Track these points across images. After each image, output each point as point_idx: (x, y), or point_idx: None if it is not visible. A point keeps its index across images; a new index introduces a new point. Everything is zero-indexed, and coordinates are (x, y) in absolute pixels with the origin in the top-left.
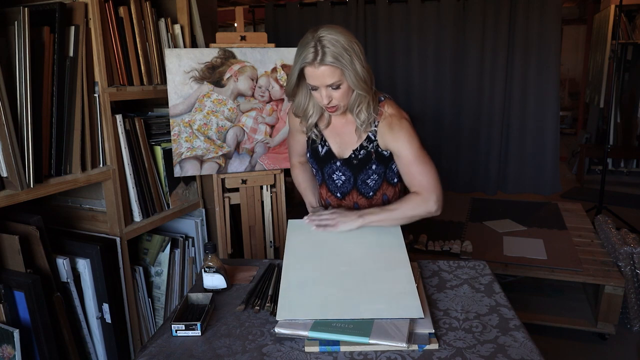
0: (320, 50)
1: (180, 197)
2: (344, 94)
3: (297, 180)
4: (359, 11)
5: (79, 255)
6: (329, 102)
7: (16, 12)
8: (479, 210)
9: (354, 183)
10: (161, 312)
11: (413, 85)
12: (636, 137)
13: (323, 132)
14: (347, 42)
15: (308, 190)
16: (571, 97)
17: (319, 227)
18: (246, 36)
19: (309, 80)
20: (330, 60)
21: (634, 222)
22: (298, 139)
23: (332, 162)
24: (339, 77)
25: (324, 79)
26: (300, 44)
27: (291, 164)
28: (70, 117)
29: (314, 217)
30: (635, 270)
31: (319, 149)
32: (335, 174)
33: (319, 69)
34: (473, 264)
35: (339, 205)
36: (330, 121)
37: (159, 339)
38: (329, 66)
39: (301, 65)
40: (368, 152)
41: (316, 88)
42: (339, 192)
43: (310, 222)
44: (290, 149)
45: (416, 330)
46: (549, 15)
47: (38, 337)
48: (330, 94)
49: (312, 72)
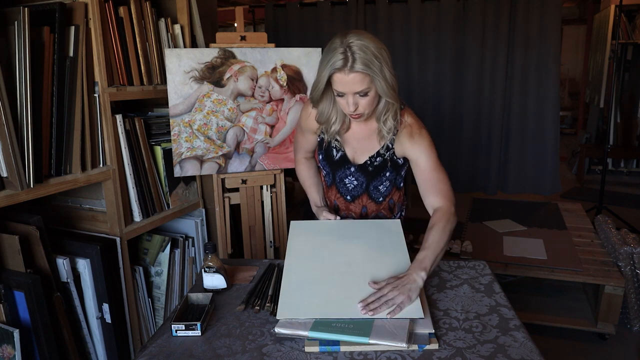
0: (351, 57)
1: (180, 197)
2: (370, 101)
3: (302, 177)
4: (359, 11)
5: (79, 255)
6: (355, 109)
7: (16, 12)
8: (479, 210)
9: (365, 188)
10: (161, 312)
11: (413, 85)
12: (636, 137)
13: (340, 136)
14: (376, 49)
15: (313, 187)
16: (571, 97)
17: (374, 310)
18: (246, 36)
19: (336, 87)
20: (361, 67)
21: (634, 222)
22: (308, 138)
23: (346, 167)
24: (368, 85)
25: (353, 86)
26: (328, 49)
27: (296, 160)
28: (70, 117)
29: (367, 304)
30: (635, 270)
31: (334, 152)
32: (347, 179)
33: (349, 76)
34: (473, 264)
35: (347, 208)
36: (350, 126)
37: (159, 339)
38: (359, 73)
39: (330, 71)
40: (384, 160)
41: (342, 95)
42: (349, 195)
43: (365, 310)
44: (297, 145)
45: (416, 330)
46: (549, 15)
47: (38, 337)
48: (357, 101)
49: (341, 79)
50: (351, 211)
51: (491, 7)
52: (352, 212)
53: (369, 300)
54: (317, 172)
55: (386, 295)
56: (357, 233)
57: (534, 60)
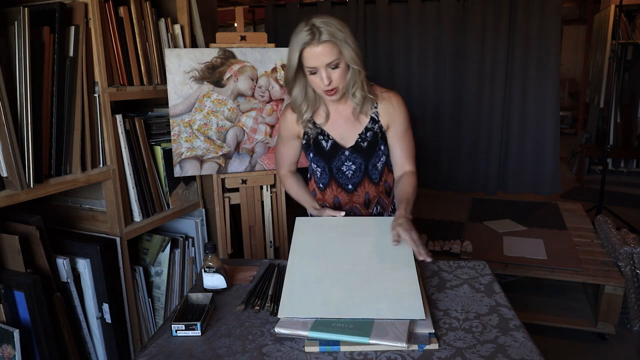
0: (317, 31)
1: (180, 197)
2: (342, 73)
3: (292, 191)
4: (359, 11)
5: (79, 255)
6: (329, 83)
7: (16, 12)
8: (479, 210)
9: (364, 170)
10: (161, 312)
11: (413, 85)
12: (636, 137)
13: (324, 127)
14: (338, 24)
15: (307, 195)
16: (571, 97)
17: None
18: (246, 36)
19: (308, 63)
20: (328, 36)
21: (634, 222)
22: (291, 145)
23: (340, 153)
24: (337, 56)
25: (324, 58)
26: (295, 33)
27: (282, 176)
28: (70, 117)
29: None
30: (635, 270)
31: (323, 144)
32: (345, 165)
33: (318, 48)
34: (473, 264)
35: (350, 200)
36: (329, 115)
37: (159, 339)
38: (328, 43)
39: (300, 47)
40: (374, 133)
41: (315, 71)
42: (350, 183)
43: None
44: (279, 160)
45: (416, 330)
46: (549, 15)
47: (38, 337)
48: (329, 75)
49: (311, 53)
50: (355, 203)
51: (491, 7)
52: (355, 205)
53: (419, 250)
54: (306, 182)
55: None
56: (363, 230)
57: (534, 60)
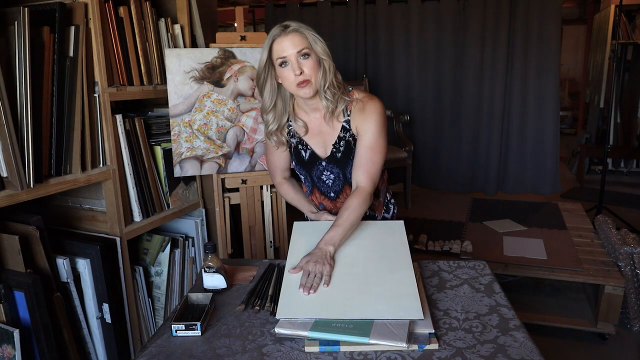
0: (286, 26)
1: (180, 197)
2: (313, 65)
3: (289, 196)
4: (359, 11)
5: (79, 255)
6: (300, 72)
7: (16, 12)
8: (479, 210)
9: (344, 178)
10: (161, 312)
11: (413, 85)
12: (636, 137)
13: (303, 138)
14: (309, 27)
15: (303, 200)
16: (571, 97)
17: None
18: (246, 36)
19: (278, 54)
20: (296, 27)
21: (634, 222)
22: (279, 154)
23: (317, 163)
24: (307, 44)
25: (293, 45)
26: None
27: (277, 183)
28: (70, 117)
29: (303, 286)
30: (635, 270)
31: (303, 153)
32: (324, 174)
33: (288, 36)
34: (473, 264)
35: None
36: (308, 126)
37: (159, 339)
38: (297, 32)
39: (270, 41)
40: (347, 142)
41: (286, 63)
42: (331, 191)
43: (305, 290)
44: (271, 168)
45: (416, 330)
46: (549, 15)
47: (38, 337)
48: (301, 65)
49: (280, 42)
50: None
51: (491, 7)
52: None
53: (302, 282)
54: (301, 187)
55: (313, 271)
56: (360, 234)
57: (534, 60)
